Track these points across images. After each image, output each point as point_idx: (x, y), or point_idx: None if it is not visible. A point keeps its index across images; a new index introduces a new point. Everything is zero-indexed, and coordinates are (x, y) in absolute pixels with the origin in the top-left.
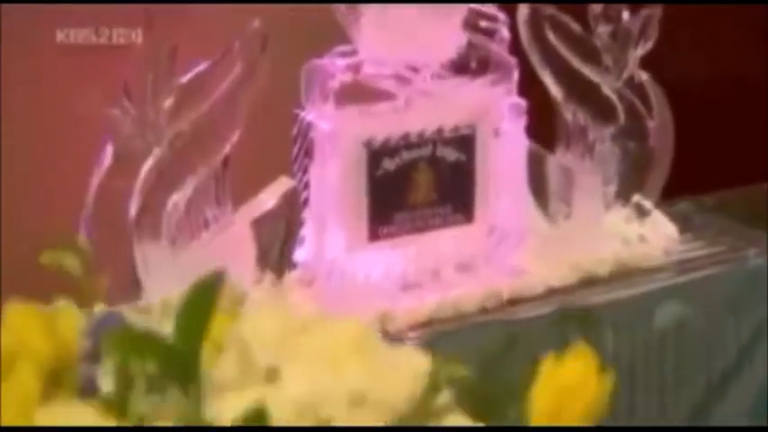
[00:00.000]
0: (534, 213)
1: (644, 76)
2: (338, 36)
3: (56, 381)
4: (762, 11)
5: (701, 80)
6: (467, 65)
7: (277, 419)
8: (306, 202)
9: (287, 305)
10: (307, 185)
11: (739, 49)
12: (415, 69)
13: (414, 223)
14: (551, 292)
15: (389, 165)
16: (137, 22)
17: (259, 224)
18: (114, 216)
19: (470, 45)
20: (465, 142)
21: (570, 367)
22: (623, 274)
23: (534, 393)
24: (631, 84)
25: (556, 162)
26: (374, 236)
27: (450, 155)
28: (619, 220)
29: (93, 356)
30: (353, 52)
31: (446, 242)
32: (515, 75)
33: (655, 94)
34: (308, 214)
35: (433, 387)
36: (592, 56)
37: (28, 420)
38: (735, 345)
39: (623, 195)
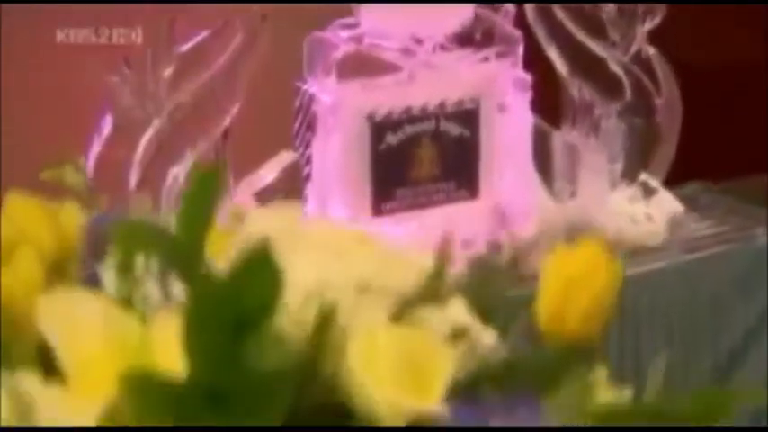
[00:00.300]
0: (539, 191)
1: (651, 51)
2: (340, 8)
3: (58, 272)
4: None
5: (703, 70)
6: (471, 37)
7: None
8: (308, 177)
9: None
10: (309, 160)
11: (742, 37)
12: (418, 41)
13: (417, 199)
14: None
15: (392, 139)
16: (137, 21)
17: (260, 199)
18: (113, 188)
19: (475, 17)
20: (468, 117)
21: (578, 257)
22: (629, 252)
23: (542, 285)
24: (638, 59)
25: (561, 139)
26: (377, 211)
27: (454, 130)
28: (624, 199)
29: (95, 254)
30: (356, 24)
31: (450, 219)
32: (520, 49)
33: (662, 70)
34: (310, 189)
35: (437, 274)
36: (598, 30)
37: (30, 306)
38: (742, 325)
39: (629, 174)
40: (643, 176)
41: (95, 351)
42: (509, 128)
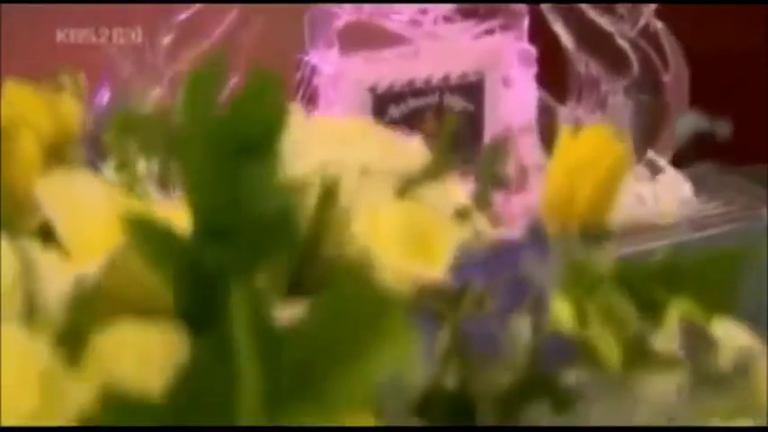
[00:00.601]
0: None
1: (659, 25)
2: None
3: (57, 157)
4: None
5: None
6: (475, 10)
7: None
8: None
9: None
10: None
11: (742, 26)
12: (423, 11)
13: None
14: None
15: (395, 113)
16: (137, 21)
17: None
18: None
19: None
20: (472, 91)
21: (583, 143)
22: (636, 231)
23: (548, 174)
24: (646, 34)
25: (567, 115)
26: None
27: (458, 103)
28: (631, 177)
29: (94, 147)
30: None
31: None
32: (525, 22)
33: (670, 45)
34: None
35: (440, 154)
36: (605, 3)
37: (30, 188)
38: (751, 305)
39: (636, 151)
40: (650, 155)
41: (96, 228)
42: (514, 102)
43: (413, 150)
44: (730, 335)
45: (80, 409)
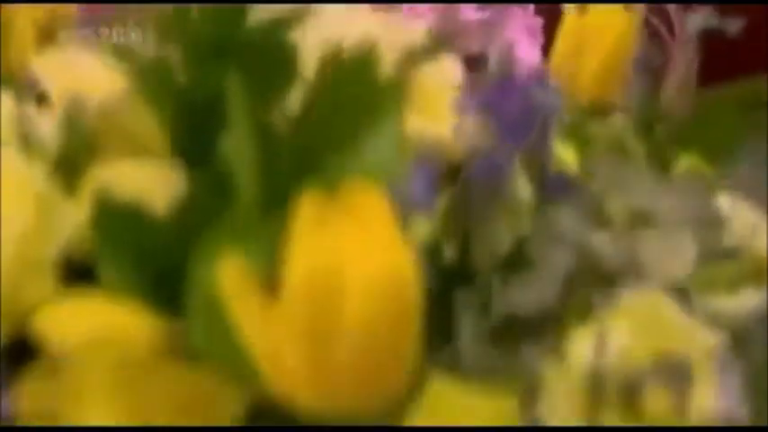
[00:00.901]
0: None
1: None
2: None
3: (51, 41)
4: None
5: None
6: None
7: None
8: None
9: None
10: None
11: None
12: None
13: None
14: None
15: None
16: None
17: None
18: None
19: None
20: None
21: (590, 19)
22: None
23: (554, 51)
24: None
25: None
26: None
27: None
28: None
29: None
30: None
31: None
32: None
33: (677, 14)
34: None
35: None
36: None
37: (24, 65)
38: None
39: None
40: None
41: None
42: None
43: (413, 29)
44: (734, 206)
45: (75, 230)
